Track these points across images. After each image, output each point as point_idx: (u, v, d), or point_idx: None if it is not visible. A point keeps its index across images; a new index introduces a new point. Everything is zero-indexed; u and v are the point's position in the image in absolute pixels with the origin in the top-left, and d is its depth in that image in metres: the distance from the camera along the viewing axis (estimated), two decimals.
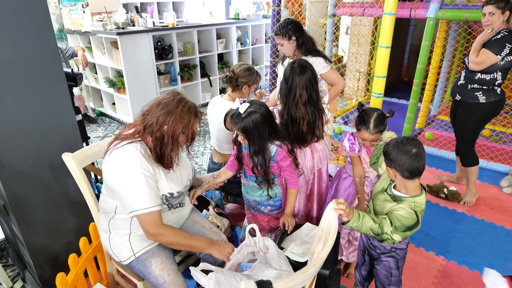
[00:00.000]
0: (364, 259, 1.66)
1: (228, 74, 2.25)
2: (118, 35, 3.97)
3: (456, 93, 2.58)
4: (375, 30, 4.91)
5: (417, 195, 1.36)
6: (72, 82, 2.57)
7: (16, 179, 1.64)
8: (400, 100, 5.25)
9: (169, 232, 1.41)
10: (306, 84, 1.80)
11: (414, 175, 1.31)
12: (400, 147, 1.31)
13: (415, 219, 1.31)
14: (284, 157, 1.68)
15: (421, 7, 3.26)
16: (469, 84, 2.47)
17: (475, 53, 2.35)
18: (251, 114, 1.57)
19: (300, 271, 0.98)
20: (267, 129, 1.61)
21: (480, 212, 2.68)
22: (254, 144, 1.62)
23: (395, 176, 1.35)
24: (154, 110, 1.40)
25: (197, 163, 3.54)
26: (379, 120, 1.69)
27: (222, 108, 2.22)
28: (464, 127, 2.59)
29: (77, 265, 1.55)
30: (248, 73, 2.26)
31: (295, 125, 1.85)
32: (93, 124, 4.65)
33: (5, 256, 2.26)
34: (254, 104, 1.61)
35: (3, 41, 1.47)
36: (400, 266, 1.55)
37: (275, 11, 3.62)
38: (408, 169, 1.29)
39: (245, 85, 2.25)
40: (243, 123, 1.57)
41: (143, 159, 1.36)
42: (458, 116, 2.62)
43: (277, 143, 1.67)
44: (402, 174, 1.31)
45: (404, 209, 1.33)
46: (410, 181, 1.34)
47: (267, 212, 1.86)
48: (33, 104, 1.63)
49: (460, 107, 2.59)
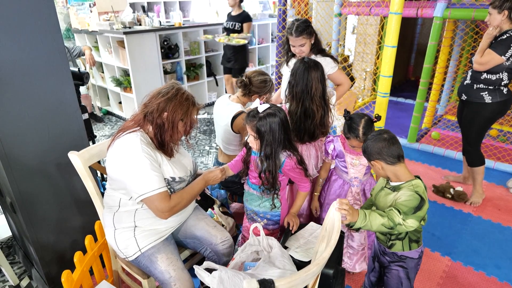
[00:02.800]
0: (374, 266, 1.64)
1: (244, 80, 2.22)
2: (124, 35, 4.00)
3: (462, 92, 2.56)
4: (381, 30, 4.88)
5: (412, 179, 1.38)
6: (79, 81, 2.59)
7: (23, 177, 1.66)
8: (406, 100, 5.21)
9: (178, 198, 1.47)
10: (320, 78, 1.86)
11: (397, 158, 1.35)
12: (373, 138, 1.39)
13: (418, 198, 1.31)
14: (292, 168, 1.63)
15: (428, 6, 3.24)
16: (475, 84, 2.45)
17: (480, 53, 2.34)
18: (270, 116, 1.52)
19: (302, 270, 0.98)
20: (283, 135, 1.56)
21: (487, 213, 2.66)
22: (266, 147, 1.55)
23: (381, 167, 1.39)
24: (154, 99, 1.45)
25: (202, 162, 3.56)
26: (367, 127, 1.68)
27: (230, 110, 2.21)
28: (470, 127, 2.57)
29: (83, 262, 1.57)
30: (264, 85, 2.24)
31: (308, 119, 1.87)
32: (100, 123, 4.69)
33: (12, 254, 2.29)
34: (274, 107, 1.57)
35: (11, 40, 1.48)
36: (411, 277, 1.51)
37: (281, 10, 3.61)
38: (388, 153, 1.34)
39: (257, 94, 2.24)
40: (259, 123, 1.52)
41: (143, 145, 1.39)
42: (464, 116, 2.60)
43: (286, 153, 1.62)
44: (386, 161, 1.36)
45: (405, 193, 1.34)
46: (397, 166, 1.37)
47: (263, 225, 1.75)
48: (40, 103, 1.65)
49: (466, 107, 2.57)
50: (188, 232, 1.69)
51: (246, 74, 2.26)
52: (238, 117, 2.18)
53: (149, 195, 1.36)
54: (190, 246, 1.72)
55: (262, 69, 6.13)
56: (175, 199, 1.45)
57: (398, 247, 1.45)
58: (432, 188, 2.94)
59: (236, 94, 2.30)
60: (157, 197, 1.38)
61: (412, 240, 1.44)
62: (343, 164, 1.85)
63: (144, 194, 1.36)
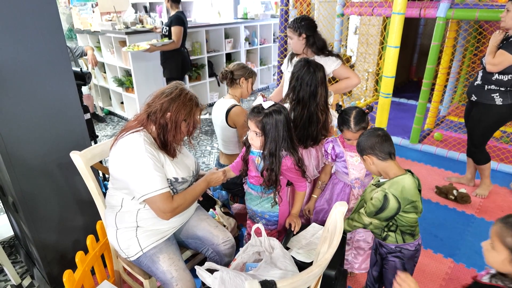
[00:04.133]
0: (376, 259, 1.65)
1: (225, 71, 2.28)
2: (127, 35, 4.01)
3: (472, 93, 2.55)
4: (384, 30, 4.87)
5: (398, 175, 1.40)
6: (81, 81, 2.59)
7: (26, 176, 1.67)
8: (409, 101, 5.20)
9: (181, 200, 1.47)
10: (324, 81, 1.84)
11: (388, 155, 1.40)
12: (368, 134, 1.46)
13: (381, 202, 1.37)
14: (288, 168, 1.62)
15: (431, 6, 3.23)
16: (486, 85, 2.44)
17: (491, 55, 2.32)
18: (275, 113, 1.52)
19: (304, 271, 0.97)
20: (286, 133, 1.56)
21: (490, 214, 2.64)
22: (271, 144, 1.54)
23: (372, 162, 1.43)
24: (157, 99, 1.45)
25: (204, 163, 3.55)
26: (358, 117, 1.71)
27: (223, 106, 2.25)
28: (477, 128, 2.56)
29: (84, 262, 1.57)
30: (244, 68, 2.28)
31: (313, 125, 1.85)
32: (102, 123, 4.69)
33: (14, 253, 2.29)
34: (278, 104, 1.58)
35: (13, 40, 1.49)
36: (408, 268, 1.53)
37: (283, 10, 3.61)
38: (380, 149, 1.39)
39: (242, 77, 2.26)
40: (265, 119, 1.51)
41: (147, 145, 1.39)
42: (472, 116, 2.59)
43: (284, 152, 1.61)
44: (378, 156, 1.40)
45: (376, 195, 1.40)
46: (387, 163, 1.41)
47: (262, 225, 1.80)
48: (42, 103, 1.65)
49: (475, 108, 2.56)
50: (190, 232, 1.68)
51: (225, 68, 2.32)
52: (232, 110, 2.22)
53: (152, 195, 1.36)
54: (192, 247, 1.71)
55: (264, 69, 6.15)
56: (178, 200, 1.45)
57: (392, 239, 1.49)
58: (435, 189, 2.93)
59: (228, 92, 2.36)
60: (160, 198, 1.38)
61: (405, 233, 1.47)
62: (344, 164, 1.84)
63: (147, 194, 1.36)
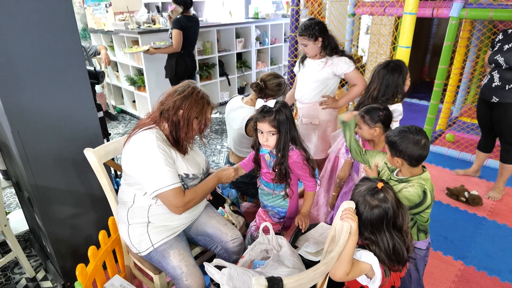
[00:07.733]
0: None
1: (259, 83, 2.22)
2: (139, 34, 4.06)
3: (492, 95, 2.53)
4: (395, 30, 4.83)
5: (421, 173, 1.41)
6: (95, 79, 2.63)
7: (41, 173, 1.71)
8: (421, 101, 5.15)
9: (192, 194, 1.50)
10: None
11: (421, 162, 1.39)
12: (408, 137, 1.34)
13: (421, 197, 1.35)
14: (294, 162, 1.66)
15: (444, 6, 3.19)
16: (507, 85, 2.43)
17: None
18: (283, 107, 1.60)
19: (311, 269, 0.99)
20: (293, 126, 1.64)
21: (502, 217, 2.61)
22: (286, 136, 1.61)
23: (401, 164, 1.40)
24: (170, 97, 1.49)
25: (214, 161, 3.58)
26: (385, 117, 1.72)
27: (243, 114, 2.22)
28: (507, 127, 2.54)
29: (97, 257, 1.60)
30: (278, 88, 2.23)
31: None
32: (114, 121, 4.76)
33: (29, 247, 2.35)
34: (280, 100, 1.64)
35: (30, 39, 1.53)
36: (420, 268, 1.53)
37: (294, 10, 3.61)
38: (418, 159, 1.35)
39: (271, 97, 2.23)
40: (277, 116, 1.58)
41: (159, 141, 1.42)
42: (497, 119, 2.57)
43: (290, 146, 1.66)
44: (410, 163, 1.38)
45: (413, 186, 1.37)
46: (417, 167, 1.41)
47: (269, 215, 1.88)
48: (57, 101, 1.69)
49: (496, 109, 2.54)
50: (199, 229, 1.71)
51: (261, 78, 2.26)
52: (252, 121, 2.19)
53: (164, 190, 1.39)
54: (201, 243, 1.74)
55: (275, 69, 6.14)
56: (189, 195, 1.48)
57: None
58: (446, 191, 2.90)
59: (250, 97, 2.31)
60: (172, 193, 1.40)
61: (420, 230, 1.47)
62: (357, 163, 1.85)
63: (159, 189, 1.39)
